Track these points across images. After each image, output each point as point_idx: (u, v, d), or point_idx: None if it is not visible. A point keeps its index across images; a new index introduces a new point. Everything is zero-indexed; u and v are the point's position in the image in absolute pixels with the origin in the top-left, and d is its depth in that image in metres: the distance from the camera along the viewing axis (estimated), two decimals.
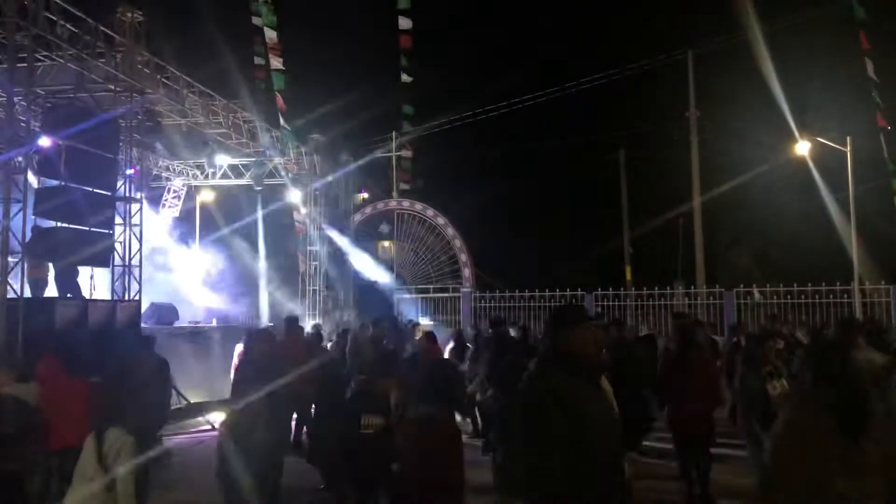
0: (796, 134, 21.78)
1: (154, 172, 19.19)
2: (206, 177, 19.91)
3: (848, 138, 19.69)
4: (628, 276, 27.83)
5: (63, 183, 11.73)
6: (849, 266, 19.38)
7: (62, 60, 12.13)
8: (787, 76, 23.70)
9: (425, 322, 19.39)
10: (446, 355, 11.37)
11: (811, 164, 22.25)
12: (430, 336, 10.36)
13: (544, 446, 3.27)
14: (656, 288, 19.92)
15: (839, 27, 24.01)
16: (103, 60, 12.46)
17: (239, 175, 19.61)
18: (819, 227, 23.48)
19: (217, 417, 11.03)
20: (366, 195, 27.41)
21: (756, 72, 23.33)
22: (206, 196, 21.66)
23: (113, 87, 12.90)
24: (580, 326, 3.59)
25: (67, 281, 12.53)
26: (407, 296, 23.31)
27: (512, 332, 11.38)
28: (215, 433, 7.31)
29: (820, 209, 23.36)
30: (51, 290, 12.39)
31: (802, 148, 21.21)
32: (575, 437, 3.26)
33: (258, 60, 19.94)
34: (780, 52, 23.57)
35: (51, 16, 11.35)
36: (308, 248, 20.27)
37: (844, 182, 20.07)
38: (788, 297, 18.46)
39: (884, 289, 18.33)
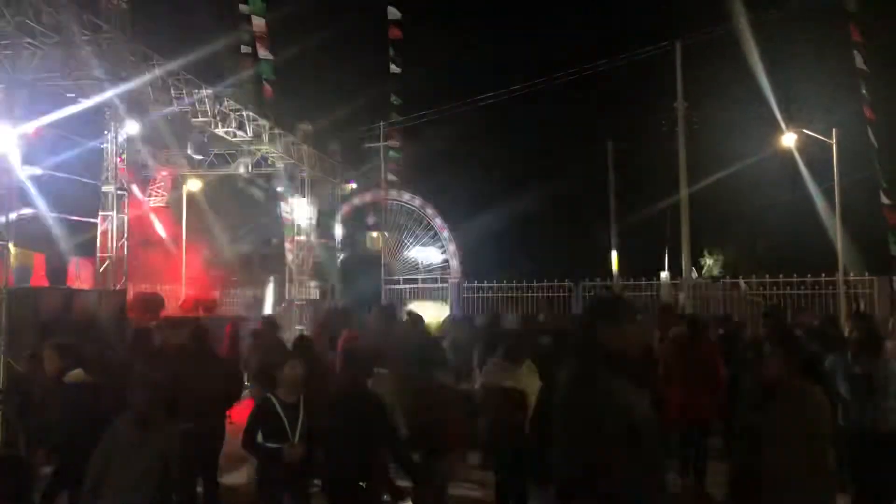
0: (783, 126, 21.89)
1: (140, 161, 19.04)
2: (193, 166, 19.78)
3: (834, 130, 19.80)
4: (615, 266, 27.92)
5: (47, 171, 11.67)
6: (834, 257, 19.53)
7: (47, 47, 12.01)
8: (775, 68, 23.83)
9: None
10: None
11: (797, 157, 22.38)
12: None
13: (605, 451, 3.12)
14: (643, 279, 20.01)
15: (826, 19, 24.13)
16: (88, 48, 12.34)
17: (226, 164, 19.50)
18: (805, 219, 23.63)
19: None
20: (354, 185, 27.37)
21: (744, 64, 23.46)
22: (194, 185, 21.52)
23: (98, 75, 12.78)
24: (629, 324, 3.36)
25: (58, 269, 12.51)
26: (395, 286, 23.32)
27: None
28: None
29: (806, 201, 23.52)
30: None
31: (789, 140, 21.30)
32: (632, 440, 3.18)
33: (245, 49, 19.84)
34: (767, 44, 23.70)
35: (35, 2, 11.24)
36: (296, 237, 20.22)
37: (830, 174, 20.20)
38: (774, 287, 18.58)
39: (867, 280, 18.48)
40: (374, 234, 25.78)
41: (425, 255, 24.15)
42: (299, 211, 20.00)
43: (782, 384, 4.22)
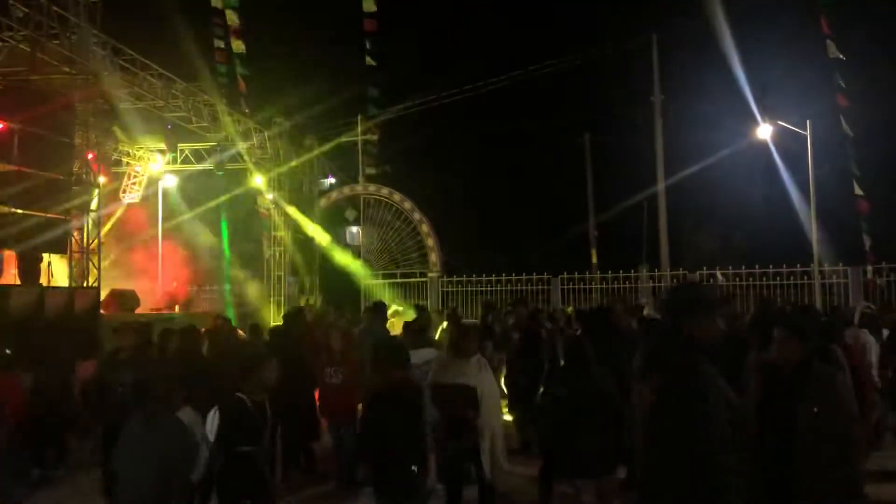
0: (758, 117, 22.05)
1: (114, 157, 18.81)
2: (168, 162, 19.57)
3: (808, 122, 19.97)
4: (594, 259, 28.03)
5: (18, 168, 11.48)
6: (809, 248, 19.71)
7: (14, 41, 11.81)
8: (750, 60, 23.98)
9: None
10: None
11: (772, 148, 22.56)
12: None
13: (716, 440, 3.01)
14: (621, 272, 20.08)
15: (801, 9, 24.29)
16: (57, 42, 12.16)
17: (201, 160, 19.31)
18: (780, 210, 23.84)
19: None
20: (332, 180, 27.19)
21: (720, 56, 23.57)
22: (168, 181, 21.30)
23: (68, 70, 12.59)
24: (714, 312, 3.30)
25: (30, 268, 12.33)
26: (374, 281, 23.22)
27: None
28: None
29: (781, 192, 23.72)
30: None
31: (764, 131, 21.45)
32: (735, 429, 3.11)
33: (219, 43, 19.66)
34: (742, 36, 23.83)
35: None
36: (273, 233, 20.08)
37: (805, 165, 20.37)
38: (750, 278, 18.71)
39: (842, 270, 18.66)
40: (353, 229, 25.66)
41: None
42: (276, 206, 19.87)
43: (810, 370, 4.11)
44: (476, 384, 5.99)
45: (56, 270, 13.89)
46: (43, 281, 12.88)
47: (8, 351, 7.57)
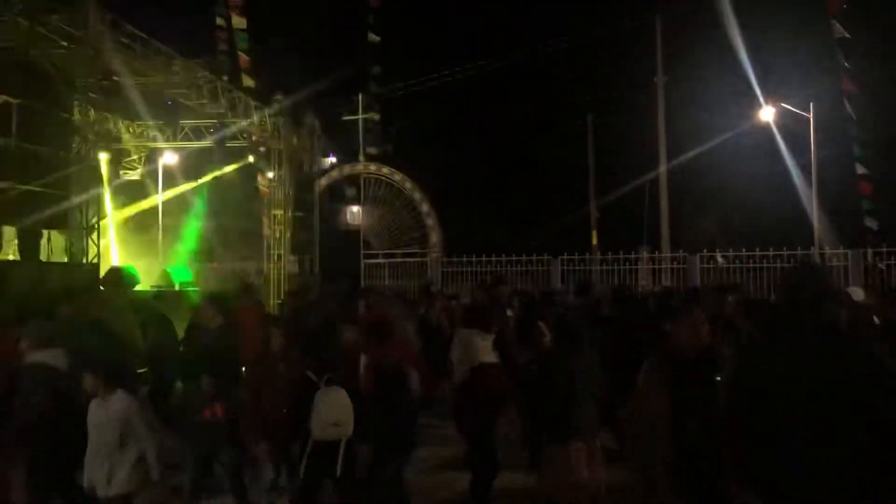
0: (762, 100, 21.95)
1: (113, 133, 18.72)
2: (167, 138, 19.47)
3: (811, 104, 19.87)
4: (594, 241, 28.01)
5: (15, 143, 11.42)
6: (810, 231, 19.68)
7: (10, 15, 11.69)
8: (754, 42, 23.84)
9: None
10: None
11: (775, 130, 22.47)
12: None
13: None
14: (621, 253, 20.06)
15: None
16: (55, 16, 12.03)
17: (201, 137, 19.21)
18: (782, 193, 23.78)
19: None
20: (333, 159, 27.11)
21: (723, 37, 23.43)
22: (168, 158, 21.22)
23: (66, 45, 12.47)
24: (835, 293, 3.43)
25: (30, 244, 12.31)
26: (374, 260, 23.23)
27: None
28: None
29: (783, 175, 23.66)
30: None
31: (767, 114, 21.37)
32: None
33: (219, 21, 19.50)
34: (747, 18, 23.66)
35: None
36: (273, 212, 20.00)
37: (808, 147, 20.29)
38: (751, 261, 18.69)
39: (842, 253, 18.63)
40: (354, 208, 25.62)
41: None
42: (276, 185, 19.79)
43: None
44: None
45: (55, 246, 13.87)
46: (42, 257, 12.86)
47: None
